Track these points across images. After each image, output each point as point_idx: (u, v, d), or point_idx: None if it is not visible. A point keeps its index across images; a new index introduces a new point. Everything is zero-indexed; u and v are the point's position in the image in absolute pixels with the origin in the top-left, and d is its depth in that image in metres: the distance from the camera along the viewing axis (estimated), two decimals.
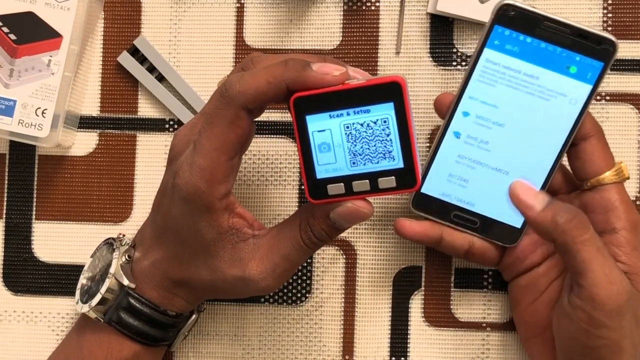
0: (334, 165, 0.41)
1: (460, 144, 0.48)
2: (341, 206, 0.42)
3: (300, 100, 0.40)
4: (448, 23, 0.55)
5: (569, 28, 0.46)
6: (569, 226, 0.42)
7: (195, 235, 0.44)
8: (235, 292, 0.46)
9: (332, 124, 0.40)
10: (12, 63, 0.51)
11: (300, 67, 0.40)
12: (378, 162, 0.40)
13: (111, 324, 0.46)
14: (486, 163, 0.48)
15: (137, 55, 0.55)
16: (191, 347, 0.54)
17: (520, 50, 0.46)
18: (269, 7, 0.55)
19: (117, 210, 0.55)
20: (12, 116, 0.51)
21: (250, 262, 0.44)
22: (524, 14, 0.46)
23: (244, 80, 0.41)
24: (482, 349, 0.53)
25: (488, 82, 0.47)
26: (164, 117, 0.56)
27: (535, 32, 0.46)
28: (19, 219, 0.55)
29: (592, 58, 0.46)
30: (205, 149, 0.42)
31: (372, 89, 0.39)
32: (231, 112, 0.41)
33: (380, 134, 0.40)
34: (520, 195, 0.44)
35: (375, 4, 0.55)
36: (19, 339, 0.55)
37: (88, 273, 0.49)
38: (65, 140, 0.54)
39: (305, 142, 0.41)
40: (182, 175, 0.42)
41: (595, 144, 0.47)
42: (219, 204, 0.43)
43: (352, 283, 0.54)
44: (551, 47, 0.46)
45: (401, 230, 0.49)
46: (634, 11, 0.54)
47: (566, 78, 0.46)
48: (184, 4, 0.56)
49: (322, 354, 0.54)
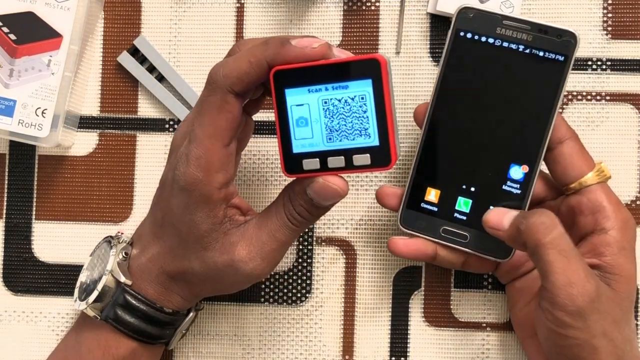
0: (311, 140, 0.41)
1: (439, 153, 0.48)
2: (314, 182, 0.42)
3: (280, 73, 0.40)
4: (448, 23, 0.55)
5: (529, 24, 0.46)
6: (532, 230, 0.43)
7: (189, 227, 0.44)
8: (227, 281, 0.46)
9: (310, 99, 0.40)
10: (12, 63, 0.51)
11: (279, 44, 0.40)
12: (354, 139, 0.40)
13: (108, 320, 0.46)
14: (469, 167, 0.48)
15: (137, 55, 0.55)
16: (191, 347, 0.54)
17: (484, 52, 0.47)
18: (269, 7, 0.55)
19: (117, 210, 0.55)
20: (12, 116, 0.51)
21: (238, 245, 0.44)
22: (483, 15, 0.46)
23: (227, 65, 0.41)
24: (482, 349, 0.53)
25: (457, 80, 0.48)
26: (164, 117, 0.56)
27: (497, 33, 0.46)
28: (19, 219, 0.55)
29: (554, 53, 0.46)
30: (199, 138, 0.42)
31: (352, 65, 0.39)
32: (218, 97, 0.42)
33: (357, 110, 0.40)
34: (490, 222, 0.45)
35: (375, 4, 0.55)
36: (19, 339, 0.55)
37: (87, 271, 0.49)
38: (65, 140, 0.54)
39: (284, 115, 0.41)
40: (180, 167, 0.43)
41: (572, 147, 0.47)
42: (217, 194, 0.43)
43: (352, 283, 0.54)
44: (514, 45, 0.46)
45: (395, 249, 0.49)
46: (634, 11, 0.54)
47: (532, 74, 0.46)
48: (184, 4, 0.56)
49: (322, 354, 0.54)
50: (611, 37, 0.54)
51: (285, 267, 0.54)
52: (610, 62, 0.54)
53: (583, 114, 0.54)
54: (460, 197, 0.48)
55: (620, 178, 0.53)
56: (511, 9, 0.53)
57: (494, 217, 0.45)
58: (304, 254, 0.54)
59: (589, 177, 0.46)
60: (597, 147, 0.54)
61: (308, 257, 0.54)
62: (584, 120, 0.54)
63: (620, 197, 0.47)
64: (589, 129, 0.54)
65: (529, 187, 0.47)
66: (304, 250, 0.54)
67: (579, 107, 0.54)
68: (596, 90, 0.54)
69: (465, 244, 0.48)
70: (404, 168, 0.54)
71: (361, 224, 0.54)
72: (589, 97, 0.54)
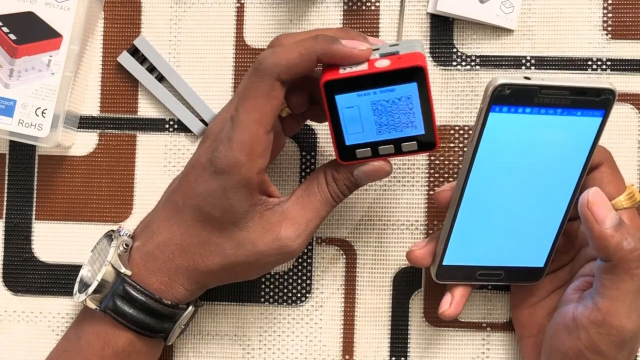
0: (362, 134, 0.45)
1: (473, 212, 0.47)
2: (367, 165, 0.46)
3: (330, 83, 0.43)
4: (448, 23, 0.55)
5: (568, 90, 0.43)
6: (631, 255, 0.42)
7: (225, 210, 0.45)
8: (258, 263, 0.46)
9: (360, 102, 0.44)
10: (12, 63, 0.51)
11: (330, 41, 0.43)
12: (402, 130, 0.45)
13: (106, 311, 0.46)
14: (501, 221, 0.47)
15: (137, 55, 0.55)
16: (191, 347, 0.54)
17: (522, 122, 0.44)
18: (269, 7, 0.55)
19: (117, 210, 0.55)
20: (12, 116, 0.51)
21: (283, 224, 0.46)
22: (520, 89, 0.43)
23: (277, 54, 0.43)
24: (482, 349, 0.53)
25: (491, 152, 0.45)
26: (164, 117, 0.56)
27: (534, 102, 0.43)
28: (19, 219, 0.55)
29: (593, 109, 0.44)
30: (244, 122, 0.43)
31: (397, 73, 0.43)
32: (267, 83, 0.43)
33: (404, 108, 0.44)
34: (593, 206, 0.43)
35: (375, 4, 0.55)
36: (19, 339, 0.55)
37: (88, 266, 0.49)
38: (65, 140, 0.54)
39: (335, 116, 0.44)
40: (221, 150, 0.44)
41: (604, 171, 0.46)
42: (256, 179, 0.44)
43: (352, 283, 0.54)
44: (552, 111, 0.44)
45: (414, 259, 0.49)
46: (634, 11, 0.54)
47: (569, 133, 0.45)
48: (184, 4, 0.56)
49: (322, 354, 0.54)
50: (611, 37, 0.54)
51: (285, 267, 0.54)
52: (610, 62, 0.54)
53: None
54: None
55: None
56: (511, 9, 0.53)
57: (598, 205, 0.43)
58: (304, 254, 0.54)
59: (618, 200, 0.46)
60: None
61: (308, 257, 0.54)
62: None
63: None
64: None
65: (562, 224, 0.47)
66: (304, 250, 0.54)
67: None
68: None
69: (500, 279, 0.49)
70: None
71: (361, 224, 0.54)
72: None
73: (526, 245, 0.48)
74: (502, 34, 0.54)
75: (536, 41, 0.54)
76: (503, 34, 0.54)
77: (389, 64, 0.43)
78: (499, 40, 0.54)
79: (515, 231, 0.47)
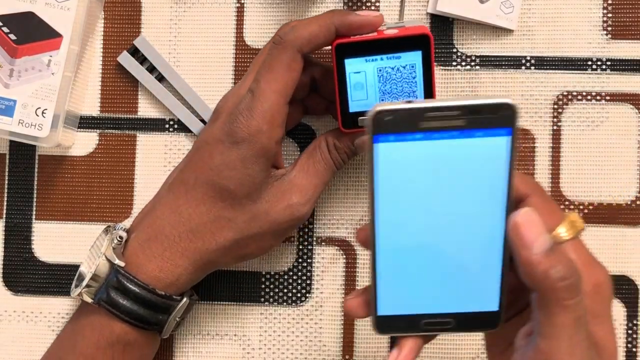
0: (366, 101, 0.47)
1: (397, 254, 0.41)
2: None
3: (341, 46, 0.46)
4: (448, 23, 0.55)
5: (456, 109, 0.38)
6: (559, 285, 0.36)
7: (241, 181, 0.46)
8: (271, 232, 0.48)
9: (367, 67, 0.47)
10: (12, 63, 0.51)
11: (345, 12, 0.47)
12: (403, 99, 0.47)
13: (101, 303, 0.47)
14: (434, 262, 0.41)
15: (137, 55, 0.55)
16: (191, 347, 0.54)
17: (416, 150, 0.39)
18: (269, 7, 0.55)
19: (117, 210, 0.55)
20: (12, 116, 0.51)
21: (293, 192, 0.48)
22: (401, 113, 0.38)
23: (298, 28, 0.46)
24: (482, 348, 0.53)
25: (394, 186, 0.40)
26: (164, 117, 0.56)
27: (423, 126, 0.38)
28: (19, 219, 0.55)
29: (495, 128, 0.38)
30: (266, 92, 0.45)
31: (405, 40, 0.46)
32: (288, 54, 0.45)
33: (407, 76, 0.47)
34: (521, 228, 0.38)
35: (375, 4, 0.55)
36: (19, 339, 0.55)
37: (85, 262, 0.50)
38: (65, 140, 0.54)
39: (343, 81, 0.47)
40: (242, 120, 0.46)
41: (535, 202, 0.40)
42: (274, 148, 0.46)
43: (352, 283, 0.54)
44: (446, 134, 0.38)
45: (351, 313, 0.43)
46: (634, 11, 0.54)
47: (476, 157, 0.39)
48: (184, 4, 0.56)
49: (322, 354, 0.54)
50: (611, 37, 0.54)
51: (285, 267, 0.54)
52: (610, 62, 0.54)
53: (583, 114, 0.54)
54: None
55: (620, 178, 0.53)
56: (511, 9, 0.53)
57: (526, 228, 0.38)
58: (304, 254, 0.54)
59: (557, 233, 0.39)
60: (597, 147, 0.54)
61: (308, 257, 0.54)
62: (584, 121, 0.54)
63: (620, 198, 0.46)
64: (588, 129, 0.54)
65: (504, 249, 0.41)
66: (304, 250, 0.54)
67: (579, 107, 0.54)
68: (596, 90, 0.54)
69: (450, 329, 0.43)
70: None
71: (361, 224, 0.54)
72: (588, 97, 0.54)
73: (471, 287, 0.42)
74: (502, 34, 0.54)
75: (536, 41, 0.54)
76: (503, 34, 0.54)
77: (396, 32, 0.46)
78: (499, 41, 0.54)
79: (453, 272, 0.42)
